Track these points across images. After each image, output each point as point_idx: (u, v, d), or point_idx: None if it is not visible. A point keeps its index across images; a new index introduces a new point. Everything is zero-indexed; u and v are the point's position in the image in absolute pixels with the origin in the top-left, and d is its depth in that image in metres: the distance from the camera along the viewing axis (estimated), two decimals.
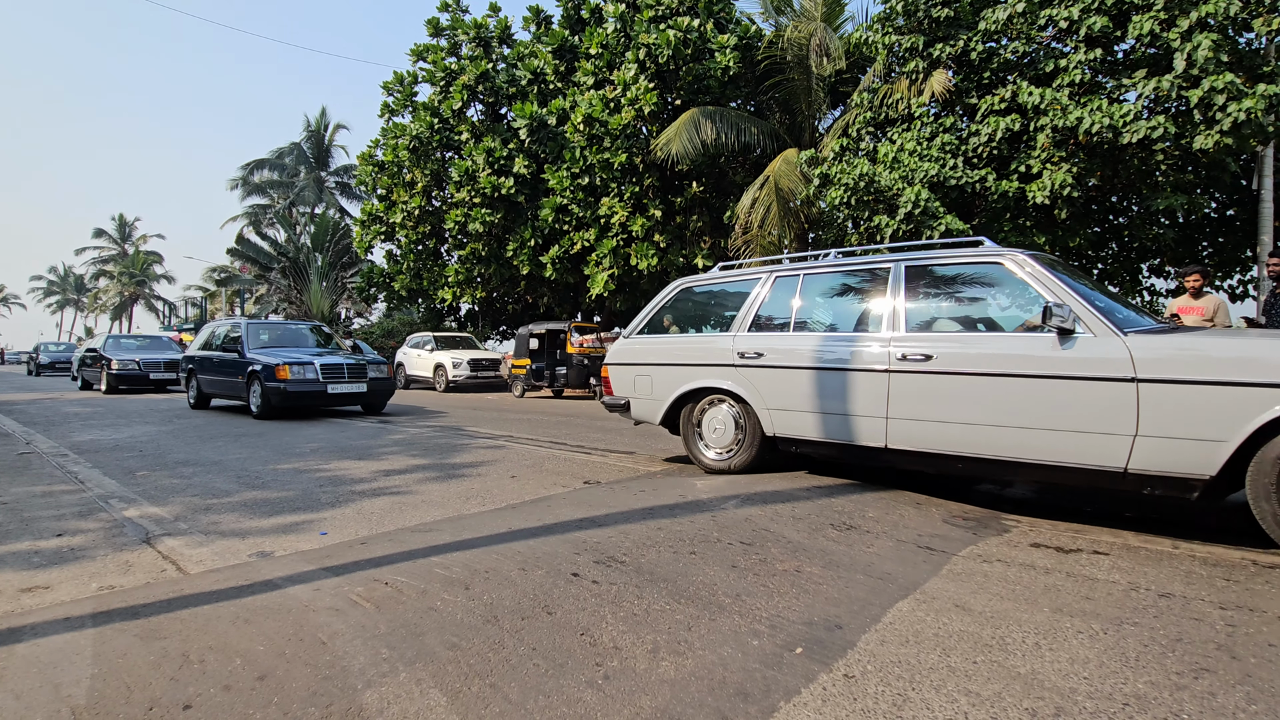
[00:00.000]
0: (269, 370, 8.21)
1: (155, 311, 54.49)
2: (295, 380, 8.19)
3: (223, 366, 9.20)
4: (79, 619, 1.97)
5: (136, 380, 13.43)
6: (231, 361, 9.00)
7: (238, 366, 8.79)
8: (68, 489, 4.02)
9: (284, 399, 8.14)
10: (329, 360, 8.61)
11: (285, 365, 8.18)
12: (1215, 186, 9.19)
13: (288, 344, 9.56)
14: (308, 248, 28.51)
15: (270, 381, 8.09)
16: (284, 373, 8.10)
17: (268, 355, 8.59)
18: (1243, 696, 1.55)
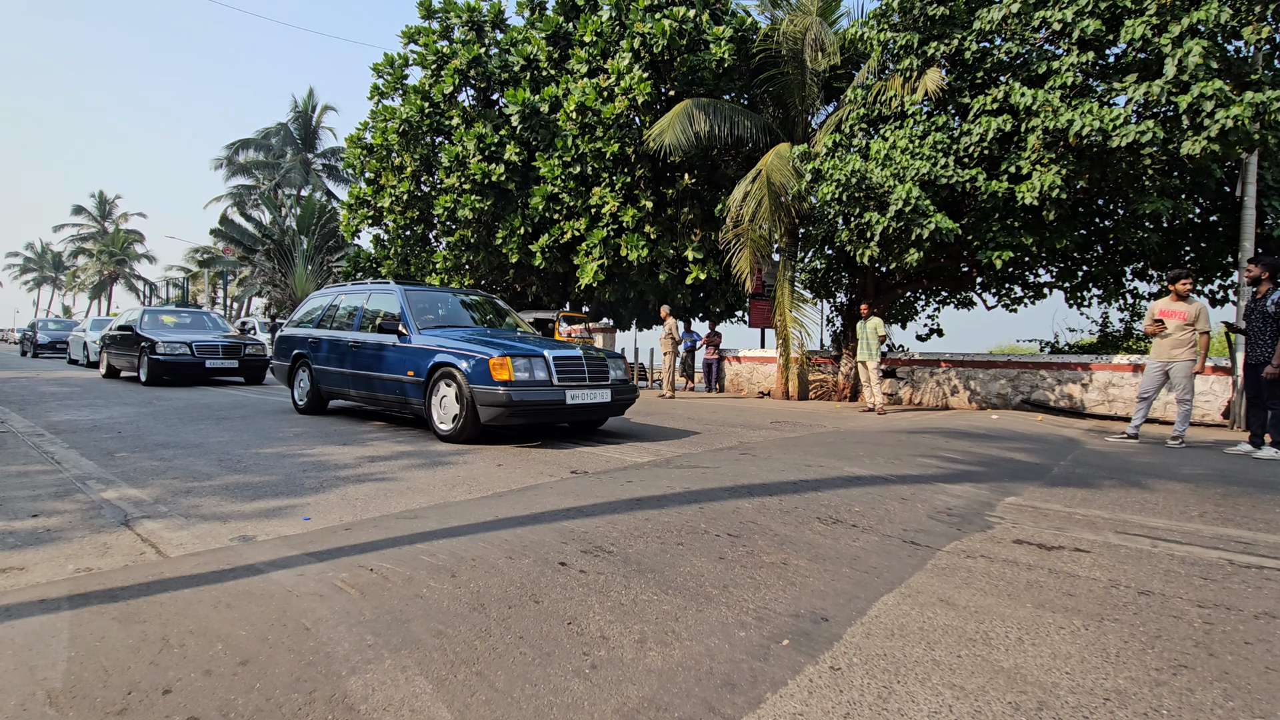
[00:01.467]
0: (478, 366, 5.10)
1: (135, 291, 53.61)
2: (523, 384, 5.10)
3: (369, 356, 6.22)
4: (55, 601, 1.93)
5: (187, 370, 10.77)
6: (387, 350, 5.99)
7: (405, 357, 5.74)
8: (44, 469, 3.95)
9: (511, 412, 5.01)
10: (562, 353, 5.48)
11: (506, 358, 5.04)
12: (1200, 192, 9.31)
13: (451, 323, 6.48)
14: (293, 230, 28.14)
15: (484, 384, 4.99)
16: (503, 370, 4.96)
17: (453, 341, 5.53)
18: (1220, 693, 1.58)
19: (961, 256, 10.39)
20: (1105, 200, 9.62)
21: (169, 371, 10.54)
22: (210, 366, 10.95)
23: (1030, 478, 4.35)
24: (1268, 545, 2.87)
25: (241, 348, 11.44)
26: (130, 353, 11.23)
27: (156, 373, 10.45)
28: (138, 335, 11.03)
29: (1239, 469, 5.01)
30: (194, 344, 10.85)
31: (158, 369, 10.45)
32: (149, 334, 10.96)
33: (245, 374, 11.56)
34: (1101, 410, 9.59)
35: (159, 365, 10.45)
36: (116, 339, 11.97)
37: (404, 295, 6.45)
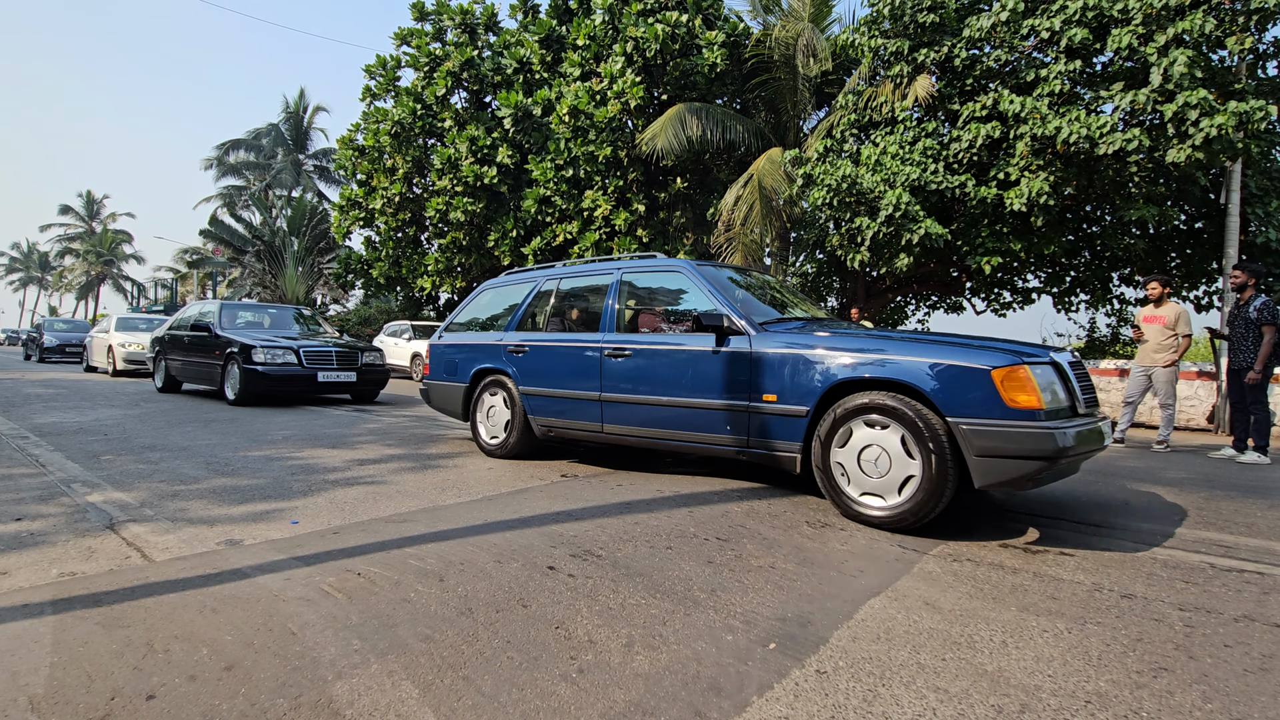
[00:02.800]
0: (969, 383, 2.82)
1: (123, 292, 53.13)
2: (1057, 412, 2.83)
3: (663, 369, 3.96)
4: (38, 606, 1.92)
5: (295, 385, 7.99)
6: (703, 362, 3.75)
7: (750, 371, 3.53)
8: (28, 472, 3.91)
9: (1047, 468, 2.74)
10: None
11: (1018, 366, 2.77)
12: (1185, 199, 9.43)
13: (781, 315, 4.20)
14: (284, 231, 27.99)
15: (987, 419, 2.75)
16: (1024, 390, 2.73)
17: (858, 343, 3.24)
18: (1199, 695, 1.60)
19: (951, 261, 10.47)
20: (1092, 207, 9.72)
21: (274, 387, 7.86)
22: (323, 380, 8.12)
23: None
24: (1249, 549, 2.90)
25: (357, 355, 8.61)
26: (207, 360, 8.58)
27: (255, 388, 7.82)
28: (220, 337, 8.38)
29: (1222, 473, 5.07)
30: (301, 350, 8.08)
31: (257, 384, 7.78)
32: (236, 335, 8.30)
33: (361, 390, 8.66)
34: None
35: (259, 379, 7.75)
36: (184, 342, 9.19)
37: (708, 277, 4.05)
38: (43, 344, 18.83)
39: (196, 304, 10.00)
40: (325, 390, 8.37)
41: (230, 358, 8.14)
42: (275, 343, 8.13)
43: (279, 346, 8.08)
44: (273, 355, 7.95)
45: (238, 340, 8.13)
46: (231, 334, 8.42)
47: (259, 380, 7.79)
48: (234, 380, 8.09)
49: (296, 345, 8.19)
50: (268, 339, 8.26)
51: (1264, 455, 5.76)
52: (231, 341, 8.19)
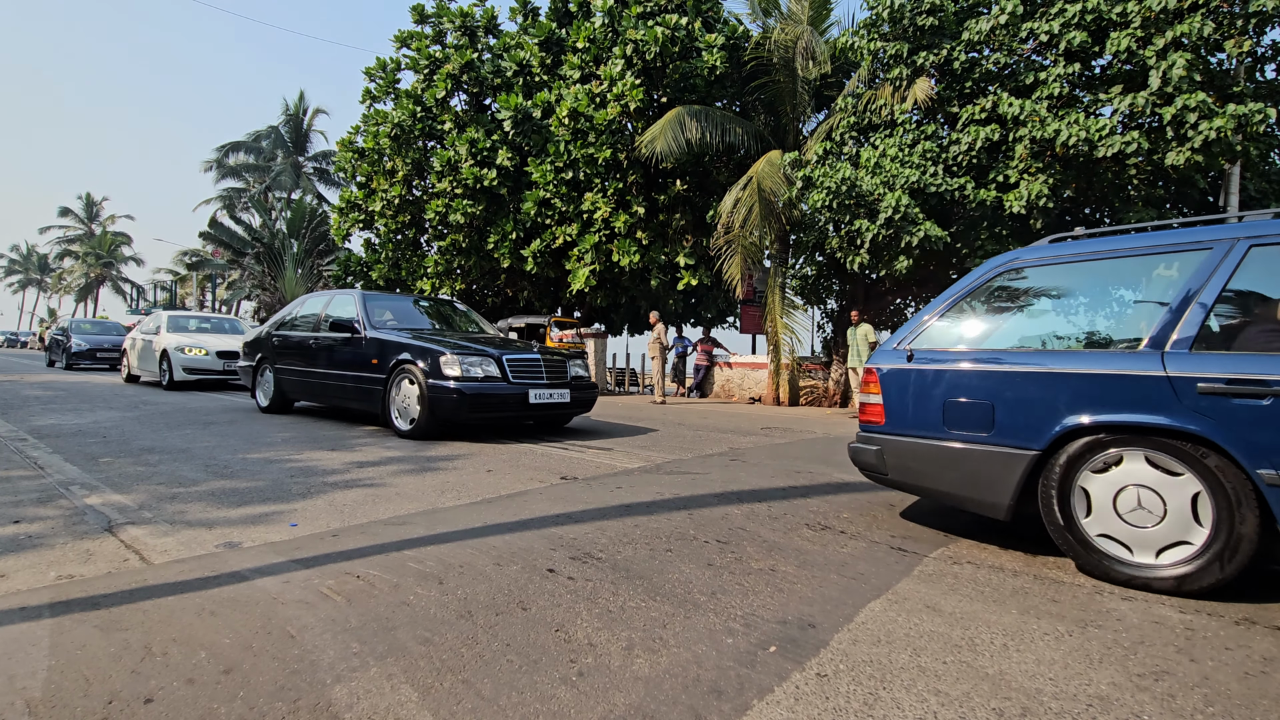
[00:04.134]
0: None
1: (122, 294, 53.15)
2: None
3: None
4: (36, 609, 1.91)
5: (501, 407, 5.65)
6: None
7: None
8: (26, 474, 3.90)
9: None
10: None
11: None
12: (1184, 202, 9.45)
13: None
14: (283, 233, 28.01)
15: None
16: None
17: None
18: (1200, 698, 1.60)
19: (950, 264, 10.47)
20: (1091, 209, 9.73)
21: (476, 412, 5.49)
22: (535, 402, 5.76)
23: None
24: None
25: (565, 366, 6.22)
26: (355, 374, 6.29)
27: (449, 414, 5.49)
28: (376, 341, 6.14)
29: None
30: (507, 361, 5.74)
31: (452, 408, 5.43)
32: (402, 338, 5.98)
33: (571, 413, 6.41)
34: None
35: (456, 402, 5.40)
36: (308, 347, 6.95)
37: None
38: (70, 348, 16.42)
39: (315, 296, 7.69)
40: (535, 415, 5.94)
41: (400, 370, 5.83)
42: (469, 348, 5.70)
43: (475, 352, 5.63)
44: (470, 367, 5.49)
45: (411, 345, 5.80)
46: (393, 336, 6.07)
47: (456, 403, 5.38)
48: (407, 402, 5.72)
49: (498, 353, 5.75)
50: (458, 343, 5.85)
51: None
52: (400, 346, 5.87)
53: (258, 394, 7.81)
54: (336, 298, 7.20)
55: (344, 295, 7.16)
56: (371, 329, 6.34)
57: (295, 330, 7.47)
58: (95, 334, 17.33)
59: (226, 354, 10.86)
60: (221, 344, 11.13)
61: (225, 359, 10.82)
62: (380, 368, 6.04)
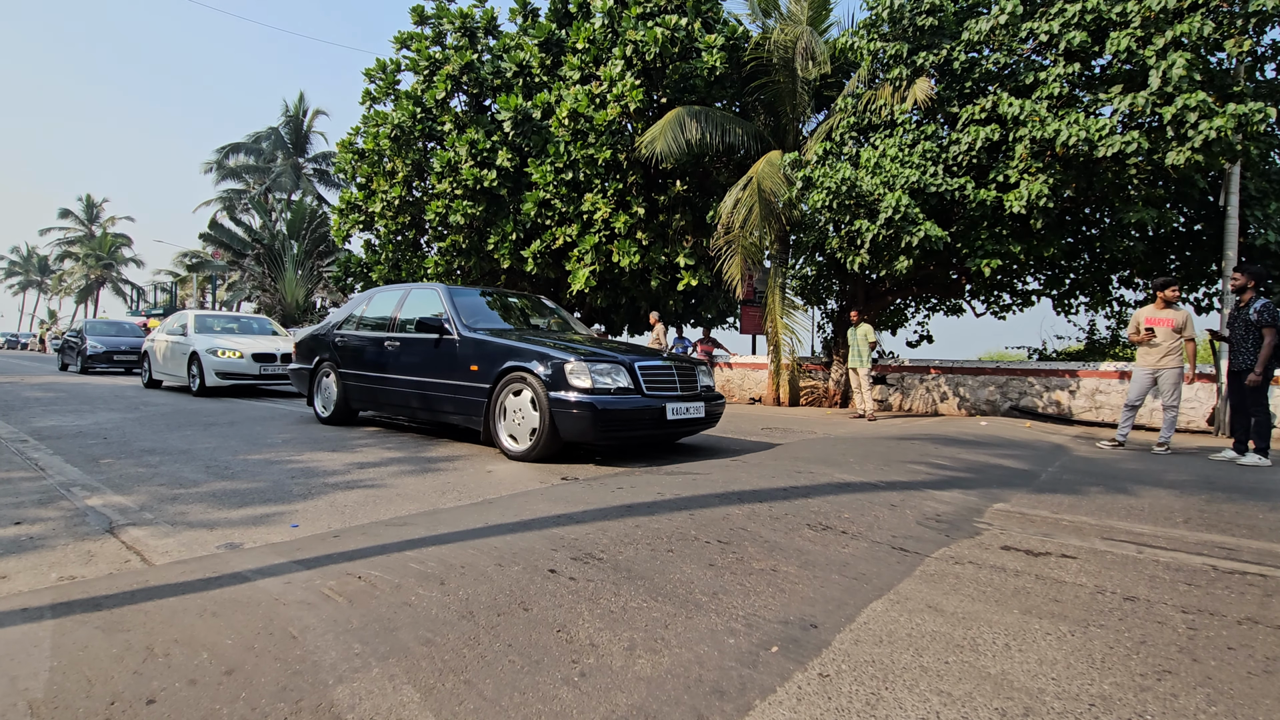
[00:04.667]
0: None
1: (123, 295, 53.17)
2: None
3: None
4: (37, 610, 1.91)
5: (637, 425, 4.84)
6: None
7: None
8: (27, 476, 3.90)
9: None
10: None
11: None
12: (1185, 202, 9.44)
13: None
14: (283, 235, 28.02)
15: None
16: None
17: None
18: (1203, 698, 1.60)
19: (950, 264, 10.47)
20: (1092, 209, 9.73)
21: (610, 431, 4.63)
22: (673, 419, 4.94)
23: (1018, 484, 4.38)
24: (1251, 551, 2.90)
25: (695, 374, 5.46)
26: (445, 382, 5.46)
27: (579, 432, 4.61)
28: (474, 343, 5.32)
29: (1223, 475, 5.06)
30: (640, 369, 4.93)
31: (583, 426, 4.56)
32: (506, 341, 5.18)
33: (703, 427, 5.48)
34: (1089, 417, 9.67)
35: (588, 419, 4.53)
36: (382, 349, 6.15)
37: None
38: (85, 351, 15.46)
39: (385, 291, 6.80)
40: (671, 433, 5.26)
41: (510, 379, 4.92)
42: (597, 354, 4.87)
43: (604, 359, 4.81)
44: (600, 377, 4.66)
45: (522, 348, 4.96)
46: (496, 338, 5.25)
47: (588, 420, 4.48)
48: (520, 418, 4.85)
49: (629, 360, 4.94)
50: (578, 347, 5.02)
51: (1265, 457, 5.76)
52: (508, 350, 5.02)
53: (316, 402, 6.99)
54: (413, 293, 6.44)
55: (423, 290, 6.39)
56: (464, 328, 5.52)
57: (364, 330, 6.58)
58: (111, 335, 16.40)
59: (263, 356, 9.94)
60: (257, 346, 10.12)
61: (262, 362, 9.90)
62: (482, 375, 5.13)
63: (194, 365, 9.88)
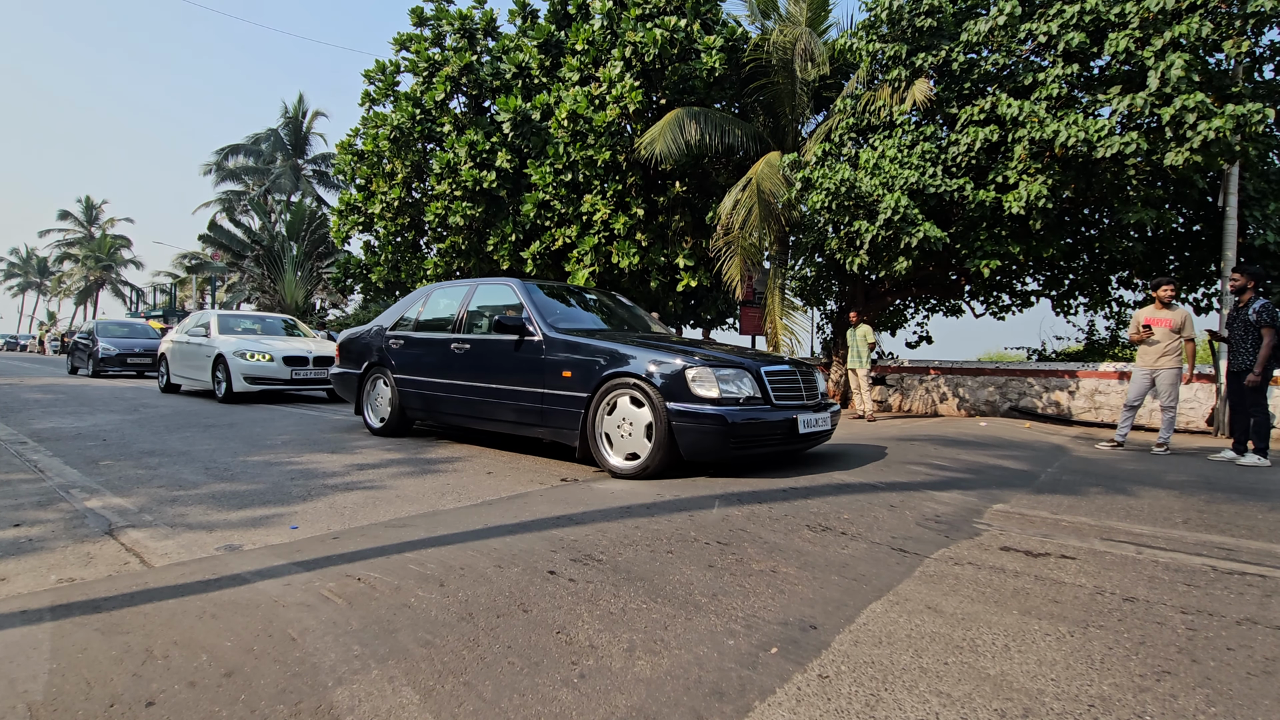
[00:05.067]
0: None
1: (122, 297, 53.18)
2: None
3: None
4: (36, 612, 1.91)
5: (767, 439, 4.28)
6: None
7: None
8: (26, 478, 3.90)
9: None
10: None
11: None
12: (1183, 202, 9.45)
13: None
14: (283, 236, 28.02)
15: None
16: None
17: None
18: (1202, 699, 1.60)
19: (950, 265, 10.48)
20: (1091, 210, 9.74)
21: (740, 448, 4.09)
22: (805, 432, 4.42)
23: (1018, 485, 4.38)
24: (1250, 551, 2.90)
25: (816, 379, 4.90)
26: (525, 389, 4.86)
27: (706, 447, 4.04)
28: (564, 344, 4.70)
29: (1222, 475, 5.07)
30: (766, 375, 4.37)
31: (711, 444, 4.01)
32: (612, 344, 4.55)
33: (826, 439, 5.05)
34: (1088, 417, 9.67)
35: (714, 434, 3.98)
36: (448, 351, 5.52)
37: None
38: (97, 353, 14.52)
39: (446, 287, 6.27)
40: (799, 447, 4.68)
41: (613, 385, 4.30)
42: (718, 357, 4.31)
43: (728, 363, 4.24)
44: (726, 384, 4.08)
45: (627, 352, 4.34)
46: (592, 339, 4.64)
47: (716, 434, 3.92)
48: (628, 431, 4.23)
49: (754, 364, 4.37)
50: (694, 350, 4.40)
51: (1264, 457, 5.76)
52: (611, 354, 4.39)
53: (366, 411, 6.32)
54: (480, 289, 5.84)
55: (492, 286, 5.79)
56: (550, 328, 4.89)
57: (424, 332, 5.93)
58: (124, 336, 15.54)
59: (294, 359, 9.23)
60: (288, 348, 9.40)
61: (293, 366, 9.18)
62: (577, 382, 4.49)
63: (219, 369, 9.25)
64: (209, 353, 9.56)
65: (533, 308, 5.09)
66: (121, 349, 14.79)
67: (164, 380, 10.91)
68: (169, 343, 11.03)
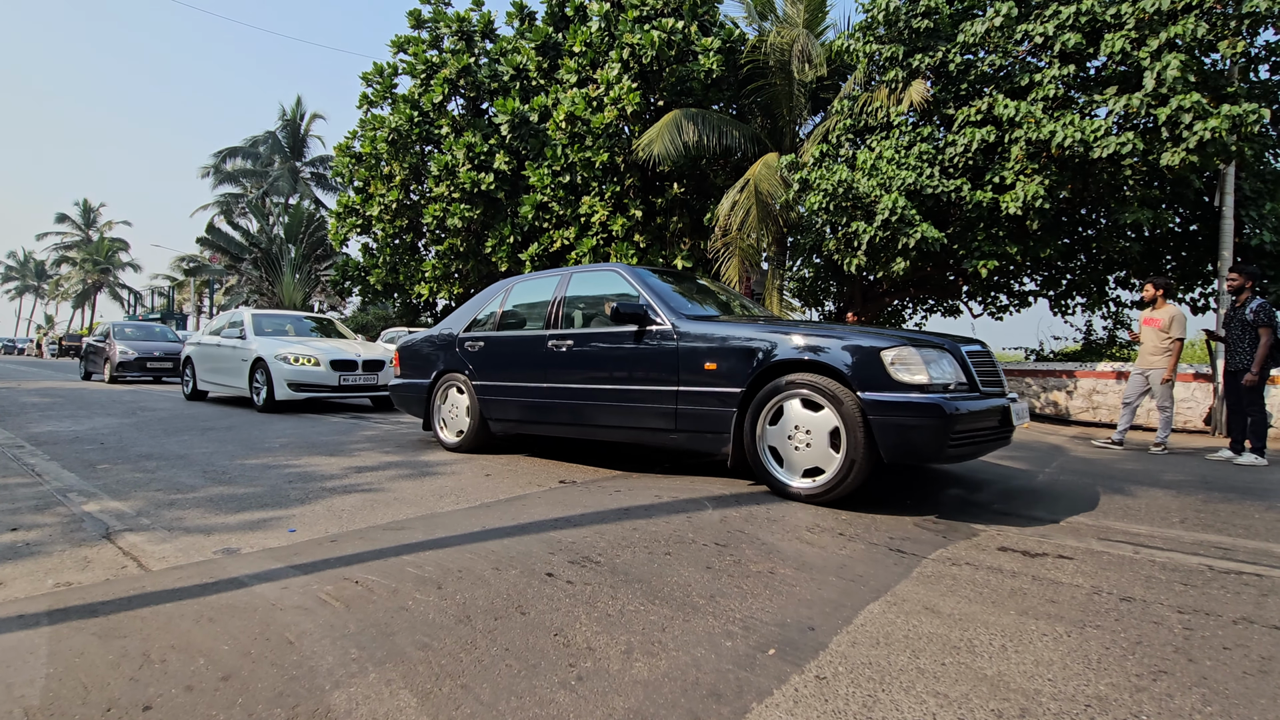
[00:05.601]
0: None
1: (120, 300, 53.13)
2: None
3: None
4: (33, 616, 1.91)
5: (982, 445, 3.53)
6: None
7: None
8: (23, 482, 3.89)
9: None
10: None
11: None
12: (1180, 202, 9.48)
13: None
14: (281, 239, 28.02)
15: None
16: None
17: None
18: (1199, 698, 1.60)
19: (947, 265, 10.49)
20: (1088, 210, 9.76)
21: (961, 442, 3.31)
22: (1016, 424, 3.77)
23: (1016, 485, 4.39)
24: (1246, 551, 2.91)
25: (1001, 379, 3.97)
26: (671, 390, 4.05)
27: (918, 449, 3.25)
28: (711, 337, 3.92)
29: (1220, 475, 5.08)
30: (968, 356, 3.61)
31: (926, 438, 3.19)
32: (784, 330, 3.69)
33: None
34: (1086, 417, 9.69)
35: (932, 428, 3.16)
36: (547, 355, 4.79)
37: None
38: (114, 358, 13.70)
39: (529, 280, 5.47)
40: (1006, 442, 3.83)
41: (774, 380, 3.57)
42: (911, 337, 3.46)
43: (928, 343, 3.46)
44: (933, 367, 3.33)
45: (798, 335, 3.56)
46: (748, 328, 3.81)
47: (932, 431, 3.16)
48: (803, 438, 3.47)
49: (952, 345, 3.60)
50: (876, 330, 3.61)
51: (1261, 457, 5.78)
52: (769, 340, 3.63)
53: (437, 424, 5.62)
54: (575, 277, 5.07)
55: (592, 273, 5.03)
56: (676, 316, 4.18)
57: (509, 330, 5.26)
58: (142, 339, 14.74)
59: (342, 364, 8.39)
60: (335, 351, 8.53)
61: (341, 371, 8.36)
62: (726, 375, 3.76)
63: (258, 375, 8.41)
64: (245, 356, 8.71)
65: (651, 293, 4.40)
66: (141, 353, 13.95)
67: (189, 387, 10.09)
68: (194, 345, 10.20)
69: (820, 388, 3.40)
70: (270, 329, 9.43)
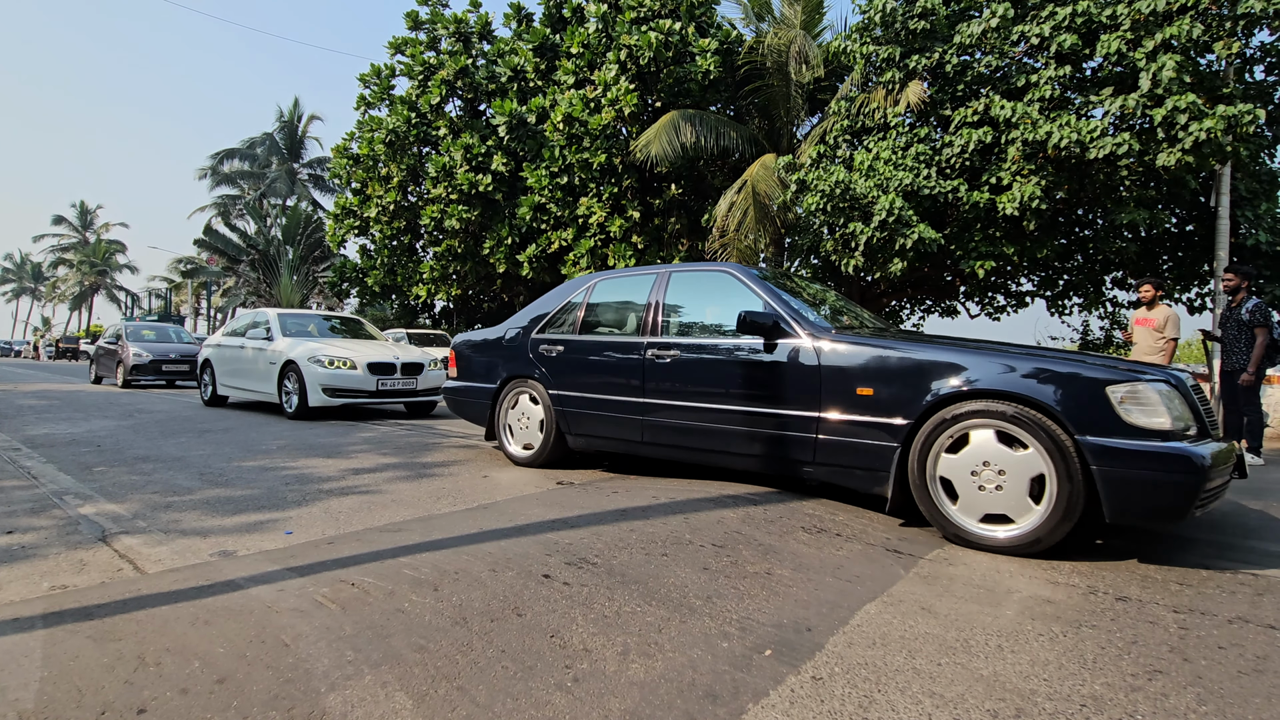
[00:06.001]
0: None
1: (117, 302, 53.03)
2: None
3: None
4: (28, 619, 1.90)
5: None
6: None
7: None
8: (19, 484, 3.88)
9: None
10: None
11: None
12: (1176, 203, 9.51)
13: None
14: (278, 240, 27.99)
15: None
16: None
17: None
18: (1193, 698, 1.60)
19: (945, 266, 10.51)
20: (1084, 210, 9.79)
21: (1205, 499, 2.60)
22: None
23: None
24: (1243, 551, 2.91)
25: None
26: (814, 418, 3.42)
27: (1161, 511, 2.58)
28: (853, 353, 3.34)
29: None
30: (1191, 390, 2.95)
31: (1172, 498, 2.53)
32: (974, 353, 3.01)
33: None
34: None
35: (1178, 486, 2.52)
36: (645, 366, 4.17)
37: None
38: (127, 361, 12.85)
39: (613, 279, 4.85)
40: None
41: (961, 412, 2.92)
42: (1135, 369, 2.84)
43: (1152, 375, 2.77)
44: (1172, 405, 2.72)
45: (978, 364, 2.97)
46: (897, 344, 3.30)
47: (1177, 490, 2.53)
48: (997, 479, 2.81)
49: (1170, 374, 2.92)
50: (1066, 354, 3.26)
51: (1258, 457, 5.79)
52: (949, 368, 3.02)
53: (504, 436, 5.04)
54: (676, 277, 4.42)
55: (697, 273, 4.43)
56: (817, 328, 3.60)
57: (595, 334, 4.69)
58: (157, 342, 13.96)
59: (379, 367, 7.74)
60: (371, 354, 7.85)
61: (379, 374, 7.72)
62: (885, 404, 3.18)
63: (288, 379, 7.76)
64: (273, 359, 7.99)
65: (777, 300, 3.80)
66: (156, 355, 13.06)
67: (207, 392, 9.30)
68: (213, 347, 9.38)
69: (1027, 420, 2.74)
70: (295, 329, 8.65)
